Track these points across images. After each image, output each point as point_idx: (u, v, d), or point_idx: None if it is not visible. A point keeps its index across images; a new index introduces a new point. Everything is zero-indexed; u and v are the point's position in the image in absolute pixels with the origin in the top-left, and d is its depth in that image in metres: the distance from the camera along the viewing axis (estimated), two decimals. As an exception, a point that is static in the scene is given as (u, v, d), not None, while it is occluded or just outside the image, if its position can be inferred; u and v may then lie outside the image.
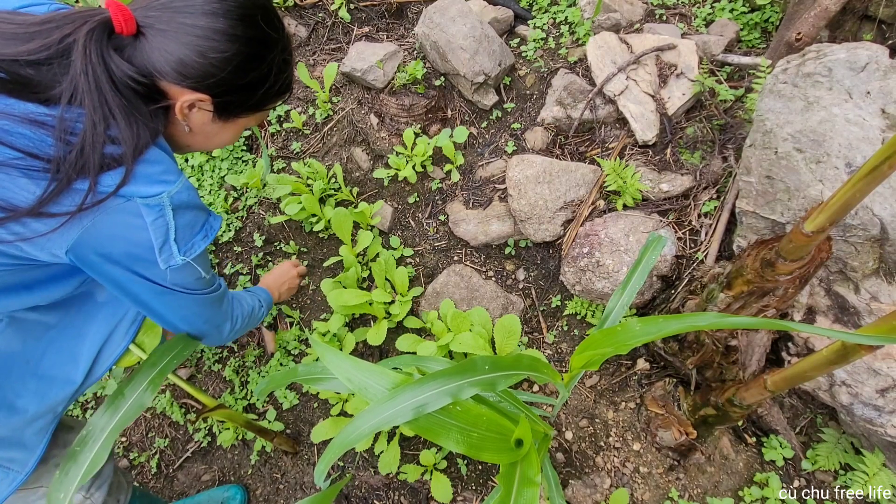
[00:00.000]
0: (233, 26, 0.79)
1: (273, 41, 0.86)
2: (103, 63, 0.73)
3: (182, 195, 0.84)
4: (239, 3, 0.80)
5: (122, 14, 0.73)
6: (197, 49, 0.77)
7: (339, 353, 0.93)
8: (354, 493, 1.57)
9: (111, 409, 0.98)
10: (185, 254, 0.87)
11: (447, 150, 1.83)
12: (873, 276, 1.27)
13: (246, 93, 0.87)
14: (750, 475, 1.41)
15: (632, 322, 0.85)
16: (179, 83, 0.79)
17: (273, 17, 0.86)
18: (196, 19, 0.76)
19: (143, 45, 0.76)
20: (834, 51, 1.26)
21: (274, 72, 0.88)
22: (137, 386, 1.01)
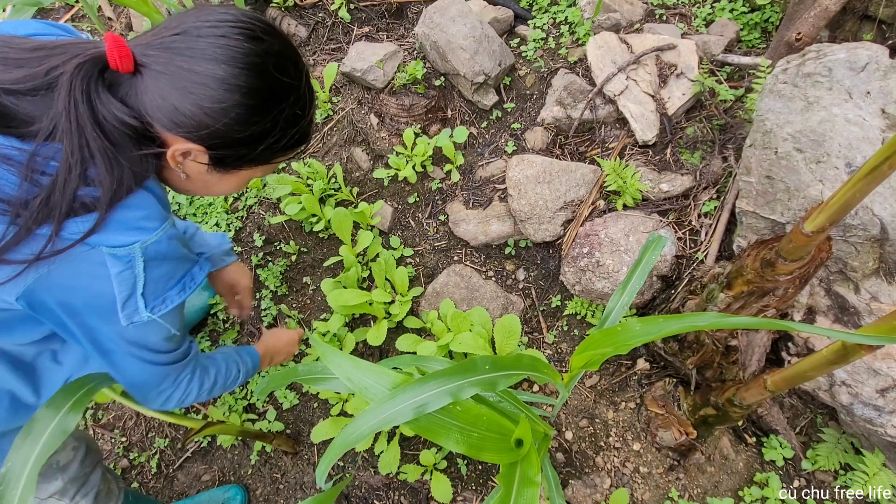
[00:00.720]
0: (235, 75, 0.70)
1: (283, 94, 0.76)
2: (88, 101, 0.66)
3: (160, 245, 0.76)
4: (246, 50, 0.71)
5: (119, 50, 0.66)
6: (192, 97, 0.69)
7: (339, 352, 0.93)
8: (354, 493, 1.57)
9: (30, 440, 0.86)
10: (153, 310, 0.78)
11: (447, 150, 1.83)
12: (873, 276, 1.27)
13: (245, 147, 0.78)
14: (750, 475, 1.41)
15: (632, 322, 0.85)
16: (171, 131, 0.72)
17: (288, 65, 0.76)
18: (195, 64, 0.69)
19: (138, 84, 0.69)
20: (834, 51, 1.26)
21: (280, 126, 0.78)
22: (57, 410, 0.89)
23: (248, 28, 0.72)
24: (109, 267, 0.72)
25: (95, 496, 1.11)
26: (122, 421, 1.82)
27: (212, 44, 0.69)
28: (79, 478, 1.07)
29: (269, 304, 1.82)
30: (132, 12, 2.35)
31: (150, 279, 0.77)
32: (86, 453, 1.10)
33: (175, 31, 0.70)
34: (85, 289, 0.74)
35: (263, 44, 0.73)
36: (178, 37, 0.69)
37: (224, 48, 0.69)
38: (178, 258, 0.81)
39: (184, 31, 0.70)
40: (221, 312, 1.85)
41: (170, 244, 0.78)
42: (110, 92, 0.69)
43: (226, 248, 1.40)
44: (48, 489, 1.02)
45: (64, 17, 2.51)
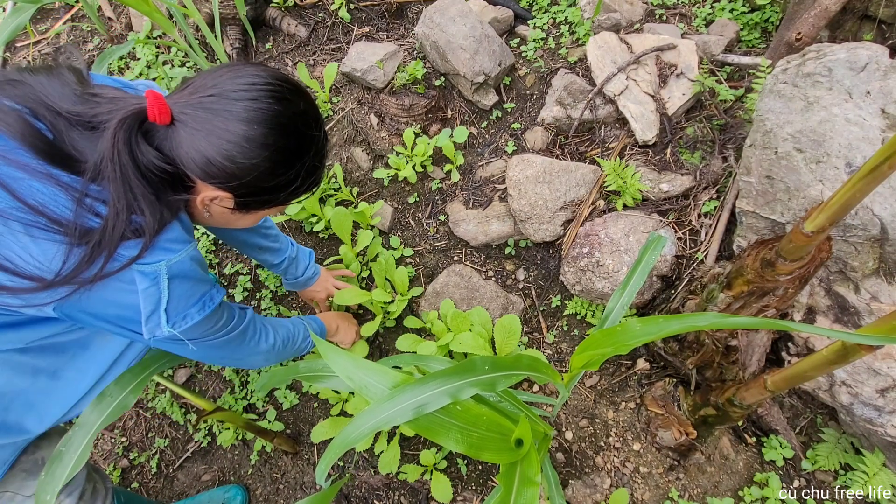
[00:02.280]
0: (266, 135, 0.77)
1: (306, 149, 0.84)
2: (130, 152, 0.73)
3: (183, 265, 0.83)
4: (278, 112, 0.78)
5: (159, 107, 0.73)
6: (225, 153, 0.76)
7: (340, 350, 0.93)
8: (354, 493, 1.57)
9: (98, 409, 0.99)
10: (174, 325, 0.86)
11: (447, 150, 1.83)
12: (873, 276, 1.27)
13: (268, 194, 0.86)
14: (750, 475, 1.41)
15: (632, 322, 0.85)
16: (204, 180, 0.79)
17: (312, 121, 0.84)
18: (231, 125, 0.75)
19: (173, 135, 0.76)
20: (834, 51, 1.26)
21: (302, 176, 0.86)
22: (124, 387, 1.01)
23: (276, 91, 0.78)
24: (138, 283, 0.80)
25: (80, 495, 1.11)
26: (123, 421, 1.82)
27: (246, 107, 0.76)
28: None
29: (269, 304, 1.82)
30: (132, 12, 2.35)
31: (173, 296, 0.84)
32: None
33: (211, 93, 0.76)
34: (116, 303, 0.81)
35: (290, 105, 0.80)
36: (214, 98, 0.76)
37: (256, 111, 0.76)
38: (199, 278, 0.89)
39: (219, 94, 0.76)
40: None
41: (191, 264, 0.85)
42: (147, 138, 0.76)
43: (309, 273, 1.58)
44: (32, 486, 1.01)
45: (64, 18, 2.51)
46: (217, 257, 1.95)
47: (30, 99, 0.73)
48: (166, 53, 2.25)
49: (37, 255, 0.73)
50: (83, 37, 2.44)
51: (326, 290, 1.63)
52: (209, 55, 2.19)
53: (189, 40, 1.84)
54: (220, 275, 1.92)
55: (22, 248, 0.73)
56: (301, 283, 1.57)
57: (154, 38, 2.21)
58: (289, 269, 1.50)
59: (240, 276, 1.88)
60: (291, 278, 1.54)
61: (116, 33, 2.38)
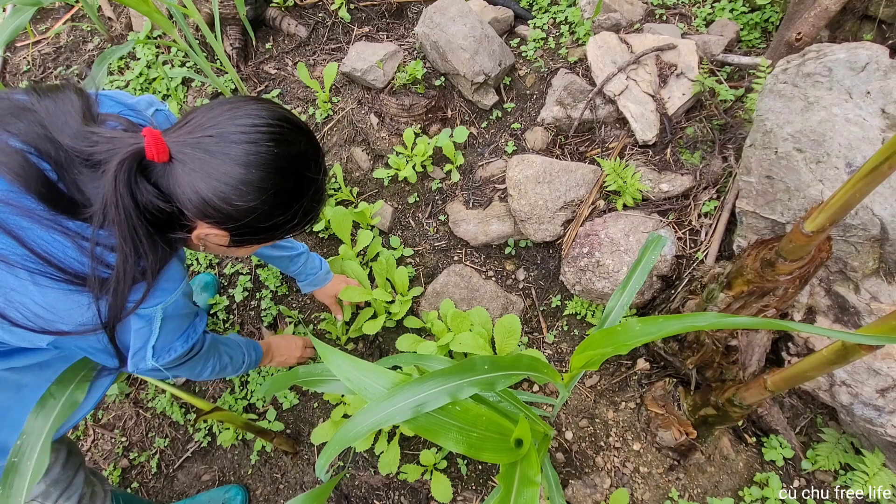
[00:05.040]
0: (264, 179, 0.76)
1: (305, 189, 0.83)
2: (131, 194, 0.73)
3: (177, 304, 0.85)
4: (277, 155, 0.76)
5: (157, 147, 0.72)
6: (222, 196, 0.75)
7: (339, 352, 0.93)
8: (354, 493, 1.57)
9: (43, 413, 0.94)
10: (158, 359, 0.89)
11: (447, 150, 1.83)
12: (873, 276, 1.27)
13: (265, 233, 0.85)
14: (750, 475, 1.41)
15: (632, 322, 0.85)
16: (200, 219, 0.78)
17: (311, 162, 0.82)
18: (229, 167, 0.74)
19: (171, 173, 0.75)
20: (834, 51, 1.26)
21: (300, 215, 0.86)
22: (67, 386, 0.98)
23: (276, 133, 0.77)
24: (132, 324, 0.82)
25: (79, 499, 1.11)
26: (122, 421, 1.82)
27: (245, 150, 0.74)
28: (61, 480, 1.07)
29: (269, 304, 1.82)
30: (132, 12, 2.35)
31: (162, 333, 0.87)
32: (67, 456, 1.10)
33: (210, 133, 0.74)
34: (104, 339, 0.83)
35: (291, 147, 0.78)
36: (213, 139, 0.74)
37: (255, 155, 0.75)
38: (187, 314, 0.91)
39: (218, 135, 0.74)
40: (221, 312, 1.85)
41: (184, 301, 0.87)
42: (145, 174, 0.75)
43: (326, 268, 1.59)
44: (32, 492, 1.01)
45: (64, 18, 2.51)
46: (217, 257, 1.95)
47: (34, 135, 0.73)
48: (166, 53, 2.25)
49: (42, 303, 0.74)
50: (83, 37, 2.45)
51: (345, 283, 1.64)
52: (209, 55, 2.19)
53: (189, 40, 1.84)
54: (220, 274, 1.92)
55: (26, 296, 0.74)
56: (320, 278, 1.56)
57: (154, 38, 2.21)
58: (307, 265, 1.51)
59: (240, 276, 1.88)
60: (311, 275, 1.54)
61: (116, 33, 2.38)
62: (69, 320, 0.77)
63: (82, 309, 0.76)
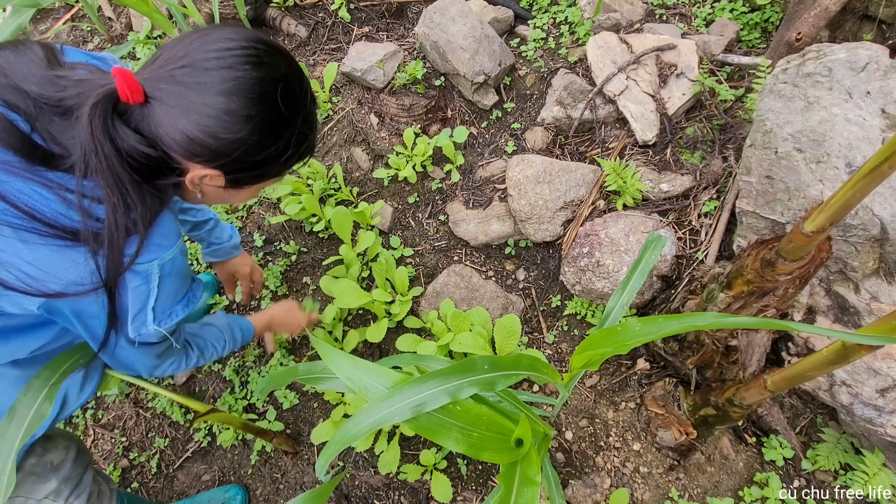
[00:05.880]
0: (246, 106, 0.71)
1: (294, 115, 0.78)
2: (110, 139, 0.68)
3: (175, 261, 0.81)
4: (256, 80, 0.71)
5: (129, 85, 0.68)
6: (206, 130, 0.70)
7: (339, 352, 0.93)
8: (354, 493, 1.57)
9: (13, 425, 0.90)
10: (160, 323, 0.84)
11: (447, 150, 1.83)
12: (873, 276, 1.27)
13: (260, 168, 0.80)
14: (750, 475, 1.41)
15: (632, 322, 0.85)
16: (189, 159, 0.74)
17: (294, 86, 0.77)
18: (207, 97, 0.69)
19: (150, 114, 0.70)
20: (834, 51, 1.26)
21: (293, 145, 0.80)
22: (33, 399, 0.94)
23: (252, 55, 0.72)
24: (128, 281, 0.77)
25: (88, 497, 1.11)
26: (122, 421, 1.82)
27: (221, 77, 0.69)
28: (72, 478, 1.07)
29: (268, 303, 1.82)
30: (132, 12, 2.35)
31: (161, 294, 0.82)
32: (77, 453, 1.10)
33: (182, 64, 0.70)
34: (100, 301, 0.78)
35: (270, 69, 0.73)
36: (186, 69, 0.69)
37: (234, 80, 0.70)
38: (185, 274, 0.87)
39: (190, 64, 0.70)
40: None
41: (181, 260, 0.83)
42: (124, 120, 0.70)
43: (235, 241, 1.47)
44: (43, 490, 1.02)
45: (64, 18, 2.51)
46: (217, 257, 1.95)
47: (2, 86, 0.69)
48: (166, 53, 2.24)
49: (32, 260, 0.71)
50: (83, 37, 2.44)
51: (250, 264, 1.54)
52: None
53: (189, 40, 1.84)
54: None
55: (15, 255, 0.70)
56: (223, 250, 1.44)
57: (154, 38, 2.21)
58: (212, 232, 1.39)
59: (240, 276, 1.88)
60: (215, 244, 1.42)
61: (116, 33, 2.38)
62: (62, 277, 0.72)
63: (76, 266, 0.72)
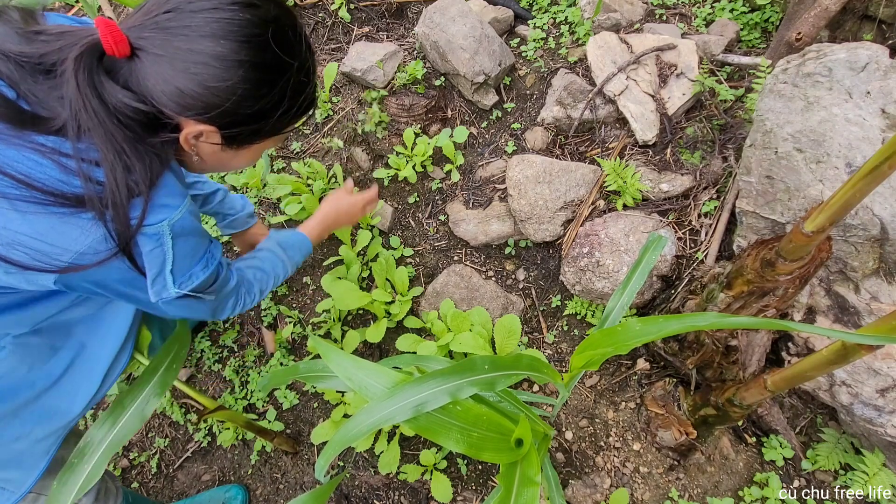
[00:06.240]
0: (236, 50, 0.68)
1: (287, 62, 0.74)
2: (98, 95, 0.65)
3: (185, 221, 0.77)
4: (244, 21, 0.68)
5: (113, 36, 0.64)
6: (195, 78, 0.67)
7: (340, 351, 0.93)
8: (354, 493, 1.57)
9: (110, 421, 0.96)
10: (181, 286, 0.82)
11: (447, 150, 1.83)
12: (873, 276, 1.27)
13: (255, 122, 0.77)
14: (750, 475, 1.41)
15: (632, 322, 0.85)
16: (181, 114, 0.70)
17: (287, 30, 0.73)
18: (194, 43, 0.66)
19: (138, 67, 0.67)
20: (834, 51, 1.26)
21: (289, 96, 0.77)
22: (137, 396, 0.99)
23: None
24: (141, 245, 0.74)
25: (96, 494, 1.12)
26: (122, 421, 1.82)
27: (207, 19, 0.66)
28: None
29: (268, 303, 1.82)
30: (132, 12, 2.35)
31: (177, 255, 0.78)
32: None
33: (166, 9, 0.67)
34: (119, 268, 0.75)
35: (259, 10, 0.70)
36: (170, 14, 0.66)
37: (220, 22, 0.66)
38: (200, 233, 0.83)
39: (175, 8, 0.67)
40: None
41: (192, 219, 0.80)
42: (112, 76, 0.67)
43: (249, 210, 1.43)
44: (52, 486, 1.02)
45: (64, 17, 2.51)
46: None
47: None
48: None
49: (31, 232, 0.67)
50: (83, 37, 2.44)
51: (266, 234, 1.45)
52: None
53: (189, 40, 1.84)
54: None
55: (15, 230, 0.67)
56: (240, 221, 1.41)
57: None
58: (223, 203, 1.36)
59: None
60: (230, 216, 1.38)
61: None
62: (70, 248, 0.69)
63: (84, 234, 0.69)
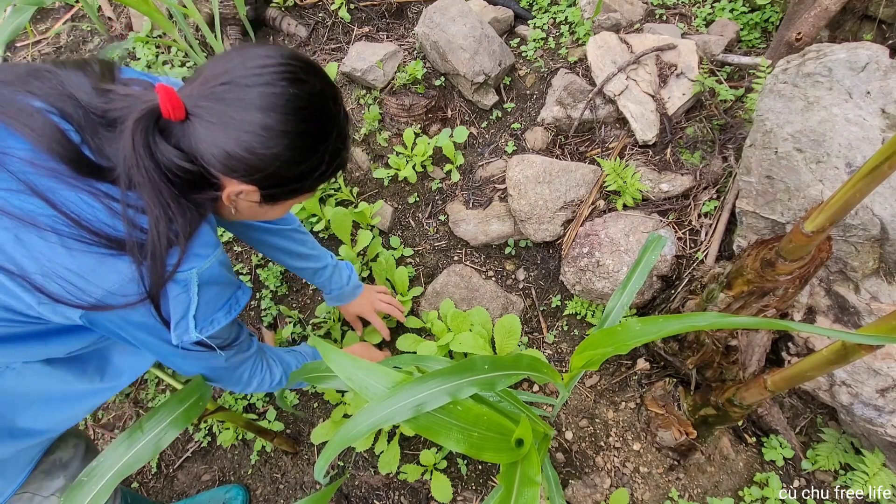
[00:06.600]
0: (284, 122, 0.74)
1: (327, 131, 0.81)
2: (151, 155, 0.71)
3: (213, 270, 0.83)
4: (294, 95, 0.74)
5: (171, 102, 0.71)
6: (244, 145, 0.73)
7: (340, 351, 0.93)
8: (354, 493, 1.57)
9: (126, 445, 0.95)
10: (202, 331, 0.86)
11: (447, 150, 1.83)
12: (873, 276, 1.27)
13: (294, 183, 0.83)
14: (750, 475, 1.41)
15: (632, 322, 0.85)
16: (226, 175, 0.76)
17: (331, 102, 0.80)
18: (245, 114, 0.72)
19: (191, 131, 0.73)
20: (834, 51, 1.26)
21: (326, 160, 0.83)
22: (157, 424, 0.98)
23: (289, 72, 0.75)
24: (168, 291, 0.79)
25: None
26: (123, 421, 1.82)
27: (260, 93, 0.72)
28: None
29: (269, 303, 1.82)
30: (132, 12, 2.35)
31: (202, 301, 0.83)
32: (86, 451, 1.11)
33: (222, 81, 0.73)
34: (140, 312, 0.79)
35: (306, 85, 0.76)
36: (226, 87, 0.73)
37: (271, 97, 0.73)
38: (226, 283, 0.88)
39: (231, 81, 0.73)
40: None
41: (220, 269, 0.85)
42: (165, 136, 0.73)
43: (354, 282, 1.53)
44: (51, 486, 1.02)
45: (64, 18, 2.51)
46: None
47: (54, 93, 0.72)
48: (166, 53, 2.25)
49: (74, 267, 0.72)
50: (83, 37, 2.44)
51: (371, 302, 1.58)
52: (209, 55, 2.19)
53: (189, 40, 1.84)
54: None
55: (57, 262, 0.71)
56: (347, 293, 1.52)
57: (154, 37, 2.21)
58: (332, 277, 1.46)
59: (240, 276, 1.88)
60: (337, 288, 1.49)
61: (116, 33, 2.38)
62: (101, 286, 0.74)
63: (118, 275, 0.74)
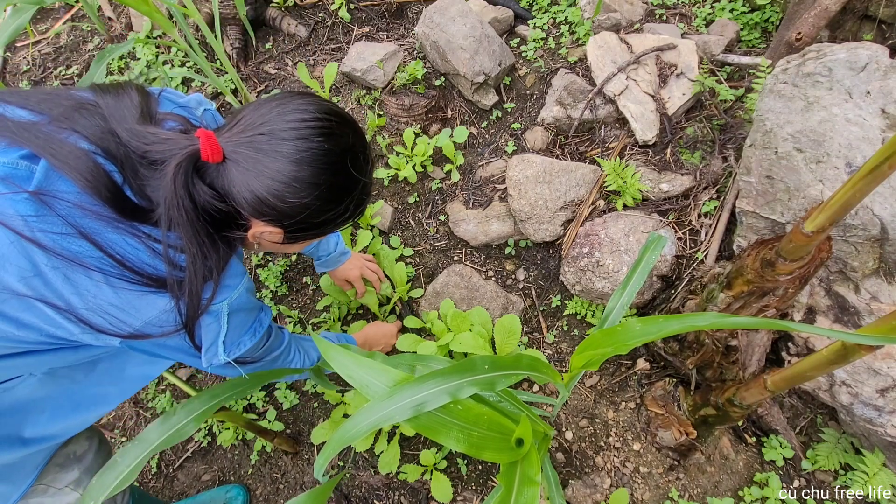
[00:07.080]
0: (316, 175, 0.77)
1: (355, 184, 0.85)
2: (189, 196, 0.75)
3: (241, 299, 0.89)
4: (327, 150, 0.78)
5: (212, 148, 0.74)
6: (276, 193, 0.76)
7: (340, 349, 0.93)
8: (354, 493, 1.56)
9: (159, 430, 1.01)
10: (230, 354, 0.93)
11: (447, 150, 1.83)
12: (873, 276, 1.27)
13: (318, 228, 0.87)
14: (750, 475, 1.41)
15: (632, 322, 0.85)
16: (255, 217, 0.80)
17: (361, 157, 0.84)
18: (282, 165, 0.75)
19: (226, 173, 0.77)
20: (834, 51, 1.26)
21: (351, 209, 0.87)
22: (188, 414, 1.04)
23: (325, 127, 0.78)
24: (201, 320, 0.85)
25: None
26: (122, 421, 1.82)
27: (296, 147, 0.76)
28: (93, 468, 1.09)
29: (269, 303, 1.82)
30: (132, 12, 2.35)
31: (230, 328, 0.90)
32: (99, 444, 1.13)
33: (260, 132, 0.76)
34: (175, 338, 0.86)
35: (339, 141, 0.80)
36: (264, 137, 0.76)
37: (306, 151, 0.76)
38: (251, 307, 0.96)
39: (269, 133, 0.76)
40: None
41: (247, 296, 0.91)
42: (200, 174, 0.77)
43: (341, 249, 1.57)
44: (65, 479, 1.04)
45: (64, 18, 2.51)
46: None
47: (98, 130, 0.75)
48: (166, 53, 2.25)
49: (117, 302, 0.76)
50: (83, 37, 2.44)
51: (359, 267, 1.63)
52: (209, 55, 2.19)
53: (189, 40, 1.84)
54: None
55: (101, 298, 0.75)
56: (335, 258, 1.56)
57: (154, 37, 2.21)
58: (320, 244, 1.51)
59: (240, 276, 1.87)
60: (325, 255, 1.53)
61: (116, 33, 2.38)
62: (141, 316, 0.79)
63: (157, 310, 0.79)
